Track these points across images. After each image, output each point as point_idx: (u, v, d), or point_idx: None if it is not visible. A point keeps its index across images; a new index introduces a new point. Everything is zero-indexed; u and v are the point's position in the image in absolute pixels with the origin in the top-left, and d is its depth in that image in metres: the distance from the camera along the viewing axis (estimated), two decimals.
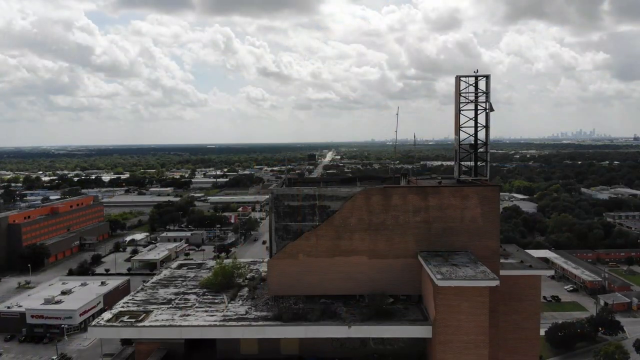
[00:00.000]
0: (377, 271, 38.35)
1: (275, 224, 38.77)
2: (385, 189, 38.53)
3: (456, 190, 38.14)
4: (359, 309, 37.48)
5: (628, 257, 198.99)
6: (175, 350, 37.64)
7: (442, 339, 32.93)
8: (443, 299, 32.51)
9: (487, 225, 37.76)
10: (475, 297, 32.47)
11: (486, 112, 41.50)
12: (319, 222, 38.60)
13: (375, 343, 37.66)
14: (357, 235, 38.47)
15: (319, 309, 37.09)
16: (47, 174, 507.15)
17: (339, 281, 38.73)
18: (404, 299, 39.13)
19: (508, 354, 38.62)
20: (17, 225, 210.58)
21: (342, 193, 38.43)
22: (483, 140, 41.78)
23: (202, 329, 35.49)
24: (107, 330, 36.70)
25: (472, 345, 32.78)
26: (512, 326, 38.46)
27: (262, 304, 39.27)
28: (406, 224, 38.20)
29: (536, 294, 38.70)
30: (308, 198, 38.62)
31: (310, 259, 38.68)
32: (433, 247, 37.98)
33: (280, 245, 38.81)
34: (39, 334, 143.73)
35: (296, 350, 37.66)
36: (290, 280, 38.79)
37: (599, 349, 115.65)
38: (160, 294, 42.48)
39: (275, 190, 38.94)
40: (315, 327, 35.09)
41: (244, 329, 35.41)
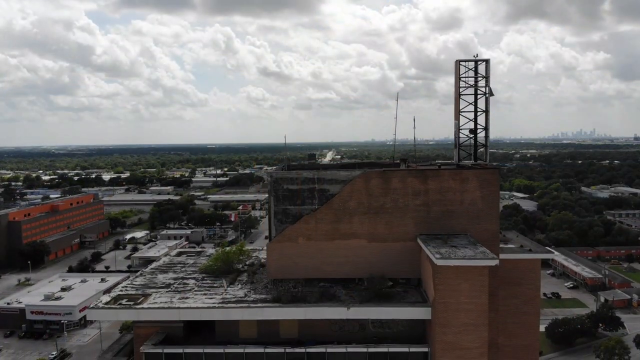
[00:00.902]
0: (376, 254, 38.26)
1: (275, 207, 38.71)
2: (384, 172, 38.45)
3: (456, 173, 38.06)
4: (358, 292, 37.41)
5: (628, 255, 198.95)
6: (174, 333, 37.51)
7: (442, 320, 32.84)
8: (442, 279, 32.43)
9: (486, 208, 37.68)
10: (474, 278, 32.39)
11: (486, 96, 41.45)
12: (318, 206, 38.53)
13: (375, 326, 37.56)
14: (356, 219, 38.40)
15: (317, 292, 37.04)
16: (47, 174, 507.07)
17: (338, 264, 38.66)
18: (403, 283, 39.06)
19: (508, 338, 38.51)
20: (17, 223, 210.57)
21: (342, 176, 38.36)
22: (483, 125, 41.70)
23: (201, 311, 35.42)
24: (105, 312, 36.61)
25: (472, 326, 32.69)
26: (511, 310, 38.34)
27: (261, 288, 39.22)
28: (405, 207, 38.12)
29: (536, 277, 38.59)
30: (307, 181, 38.55)
31: (310, 243, 38.61)
32: (432, 230, 37.90)
33: (280, 228, 38.74)
34: (39, 330, 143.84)
35: (295, 333, 37.54)
36: (289, 263, 38.71)
37: (600, 344, 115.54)
38: (159, 279, 42.41)
39: (274, 173, 38.88)
40: (314, 309, 35.03)
41: (243, 311, 35.34)
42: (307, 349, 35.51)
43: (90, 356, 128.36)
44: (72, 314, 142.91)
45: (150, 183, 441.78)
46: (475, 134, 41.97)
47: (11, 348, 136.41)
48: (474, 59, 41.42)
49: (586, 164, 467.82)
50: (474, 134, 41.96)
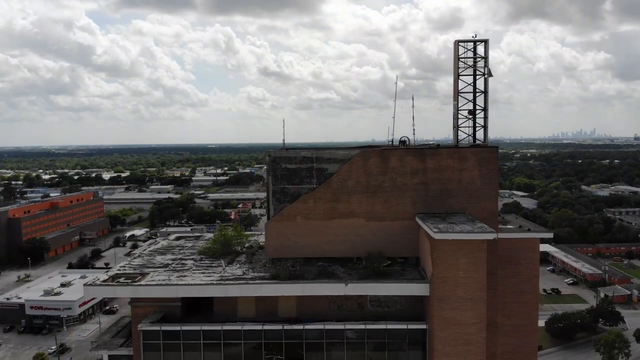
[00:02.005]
0: (374, 233, 38.21)
1: (273, 186, 38.67)
2: (382, 150, 38.42)
3: (454, 152, 38.02)
4: (356, 271, 37.37)
5: (628, 252, 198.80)
6: (172, 313, 37.45)
7: (440, 295, 32.77)
8: (440, 254, 32.37)
9: (485, 187, 37.63)
10: (473, 253, 32.33)
11: (485, 77, 41.32)
12: (316, 185, 38.48)
13: (373, 305, 37.50)
14: (354, 198, 38.35)
15: (316, 270, 36.97)
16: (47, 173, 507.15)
17: (337, 244, 38.61)
18: (402, 262, 39.02)
19: (506, 317, 38.41)
20: (17, 220, 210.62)
21: (340, 155, 38.32)
22: (482, 106, 41.59)
23: (199, 288, 35.37)
24: (102, 289, 36.61)
25: (470, 301, 32.63)
26: (510, 289, 38.25)
27: (259, 267, 39.19)
28: (404, 186, 38.07)
29: (534, 257, 38.48)
30: (305, 161, 38.51)
31: (308, 222, 38.56)
32: (431, 209, 37.85)
33: (278, 208, 38.70)
34: (38, 325, 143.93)
35: (294, 313, 37.48)
36: (287, 242, 38.66)
37: (600, 337, 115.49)
38: (157, 260, 42.38)
39: (272, 152, 38.82)
40: (312, 285, 34.99)
41: (241, 287, 35.29)
42: (305, 326, 35.46)
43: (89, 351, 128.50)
44: (72, 309, 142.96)
45: (150, 182, 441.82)
46: (474, 115, 41.84)
47: (10, 343, 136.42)
48: (473, 40, 41.32)
49: (586, 163, 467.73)
50: (473, 115, 41.84)
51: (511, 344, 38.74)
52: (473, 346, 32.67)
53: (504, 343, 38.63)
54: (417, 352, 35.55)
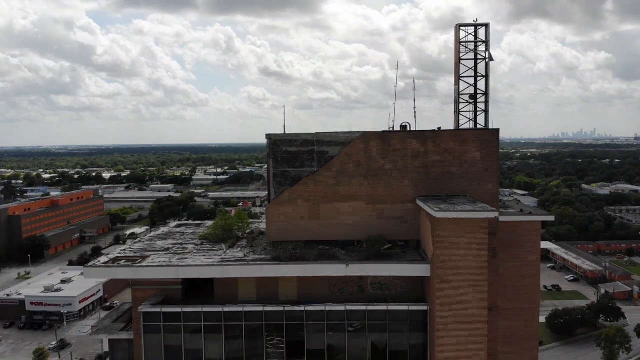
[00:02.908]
0: (375, 216, 38.12)
1: (274, 169, 38.58)
2: (384, 133, 38.31)
3: (455, 134, 37.94)
4: (357, 253, 37.29)
5: (629, 249, 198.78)
6: (172, 296, 37.32)
7: (441, 275, 32.67)
8: (441, 233, 32.26)
9: (486, 170, 37.54)
10: (474, 232, 32.23)
11: (486, 61, 41.29)
12: (317, 168, 38.38)
13: (374, 288, 37.41)
14: (355, 181, 38.25)
15: (317, 253, 36.86)
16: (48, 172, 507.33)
17: (338, 227, 38.52)
18: (402, 245, 38.93)
19: (508, 301, 38.28)
20: (17, 217, 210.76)
21: (341, 138, 38.23)
22: (483, 90, 41.55)
23: (200, 269, 35.29)
24: (103, 270, 36.51)
25: (471, 280, 32.53)
26: (511, 273, 38.12)
27: (260, 250, 39.11)
28: (405, 168, 37.98)
29: (536, 240, 38.38)
30: (306, 143, 38.41)
31: (309, 205, 38.47)
32: (431, 191, 37.75)
33: (279, 191, 38.61)
34: (39, 321, 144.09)
35: (294, 296, 37.39)
36: (288, 225, 38.57)
37: (600, 332, 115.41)
38: (157, 245, 42.30)
39: (273, 135, 38.73)
40: (313, 266, 34.89)
41: (242, 268, 35.22)
42: (306, 308, 35.38)
43: (90, 347, 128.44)
44: (72, 305, 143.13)
45: (150, 181, 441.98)
46: (475, 99, 41.79)
47: (11, 339, 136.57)
48: (474, 24, 41.27)
49: (586, 162, 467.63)
50: (474, 99, 41.80)
51: (512, 328, 38.61)
52: (475, 326, 32.57)
53: (505, 327, 38.48)
54: (419, 333, 35.44)
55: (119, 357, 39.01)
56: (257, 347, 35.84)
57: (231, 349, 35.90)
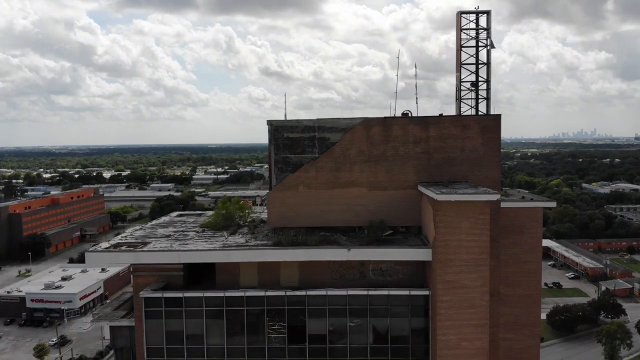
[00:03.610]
0: (376, 203, 38.09)
1: (275, 156, 38.56)
2: (385, 119, 38.31)
3: (457, 120, 37.95)
4: (358, 239, 37.26)
5: (629, 247, 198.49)
6: (174, 283, 37.31)
7: (442, 259, 32.64)
8: (443, 216, 32.24)
9: (488, 155, 37.54)
10: (475, 215, 32.21)
11: (487, 48, 41.28)
12: (318, 154, 38.37)
13: (375, 274, 37.39)
14: (356, 167, 38.24)
15: (318, 238, 36.83)
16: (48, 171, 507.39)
17: (339, 213, 38.50)
18: (404, 231, 38.92)
19: (509, 287, 38.28)
20: (18, 215, 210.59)
21: (342, 124, 38.21)
22: (484, 78, 41.52)
23: (201, 253, 35.31)
24: (104, 255, 36.50)
25: (473, 264, 32.51)
26: (513, 259, 38.10)
27: (262, 237, 39.11)
28: (406, 154, 37.96)
29: (537, 226, 38.35)
30: (307, 129, 38.39)
31: (310, 191, 38.46)
32: (433, 178, 37.74)
33: (280, 177, 38.59)
34: (39, 318, 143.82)
35: (296, 282, 37.38)
36: (289, 212, 38.56)
37: (601, 328, 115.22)
38: (159, 232, 42.31)
39: (274, 121, 38.71)
40: (315, 250, 34.88)
41: (243, 253, 35.23)
42: (307, 292, 35.37)
43: (90, 343, 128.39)
44: (73, 301, 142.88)
45: (151, 180, 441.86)
46: (477, 87, 41.78)
47: (11, 335, 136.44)
48: (475, 11, 41.27)
49: (587, 161, 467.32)
50: (476, 86, 41.78)
51: (514, 314, 38.61)
52: (477, 309, 32.55)
53: (507, 313, 38.51)
54: (420, 318, 35.45)
55: (120, 344, 39.00)
56: (258, 332, 35.85)
57: (233, 334, 35.89)
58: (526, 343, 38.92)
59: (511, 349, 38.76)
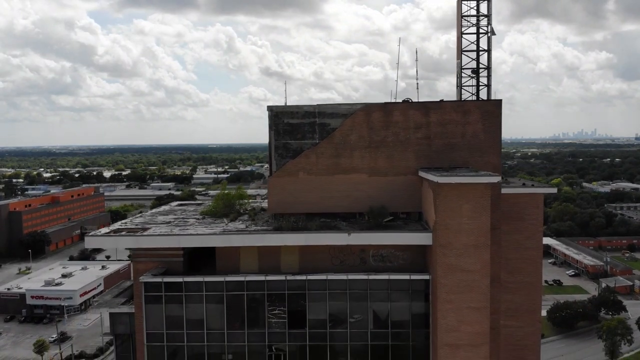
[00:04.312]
0: (377, 189, 38.02)
1: (275, 142, 38.50)
2: (386, 105, 38.24)
3: (458, 105, 37.88)
4: (358, 225, 37.19)
5: (630, 245, 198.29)
6: (174, 268, 37.24)
7: (443, 242, 32.56)
8: (443, 199, 32.15)
9: (488, 141, 37.47)
10: (476, 198, 32.13)
11: (488, 35, 41.22)
12: (318, 140, 38.30)
13: (375, 260, 37.30)
14: (357, 153, 38.16)
15: (318, 224, 36.74)
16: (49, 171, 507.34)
17: (339, 199, 38.42)
18: (404, 217, 38.84)
19: (510, 274, 38.20)
20: (18, 213, 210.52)
21: (343, 110, 38.15)
22: (485, 65, 41.47)
23: (201, 237, 35.25)
24: (104, 239, 36.48)
25: (473, 247, 32.43)
26: (514, 246, 38.03)
27: (262, 223, 39.03)
28: (407, 140, 37.89)
29: (538, 213, 38.27)
30: (308, 115, 38.33)
31: (311, 177, 38.38)
32: (433, 163, 37.65)
33: (280, 163, 38.53)
34: (39, 315, 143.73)
35: (296, 268, 37.28)
36: (290, 198, 38.49)
37: (602, 324, 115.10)
38: (159, 219, 42.27)
39: (274, 107, 38.65)
40: (315, 235, 34.79)
41: (243, 237, 35.14)
42: (308, 277, 35.30)
43: (91, 339, 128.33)
44: (73, 298, 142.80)
45: (151, 180, 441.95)
46: (478, 74, 41.72)
47: (11, 332, 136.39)
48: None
49: (587, 161, 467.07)
50: (476, 73, 41.72)
51: (515, 301, 38.56)
52: (477, 293, 32.47)
53: (508, 300, 38.43)
54: (420, 303, 35.37)
55: (120, 330, 38.89)
56: (258, 316, 35.78)
57: (233, 318, 35.82)
58: (527, 330, 38.87)
59: (512, 335, 38.68)
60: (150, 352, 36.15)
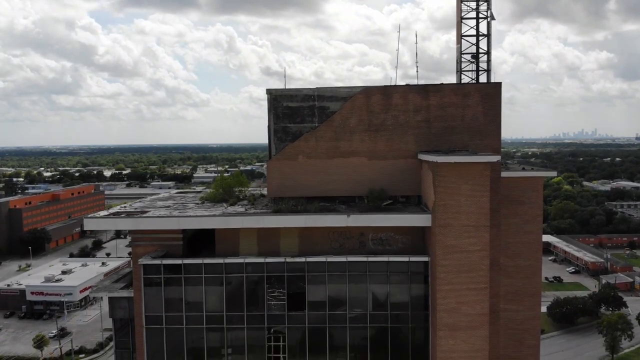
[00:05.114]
0: (376, 172, 37.94)
1: (274, 125, 38.44)
2: (385, 87, 38.18)
3: (457, 88, 37.81)
4: (358, 208, 37.14)
5: (630, 242, 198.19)
6: (173, 252, 37.18)
7: (442, 222, 32.49)
8: (442, 179, 32.08)
9: (488, 124, 37.37)
10: (475, 179, 32.06)
11: (487, 20, 41.18)
12: (318, 123, 38.24)
13: (375, 244, 37.25)
14: (356, 136, 38.09)
15: (318, 207, 36.69)
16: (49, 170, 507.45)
17: (338, 183, 38.35)
18: (403, 201, 38.79)
19: (510, 257, 38.10)
20: (18, 210, 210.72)
21: (342, 93, 38.08)
22: (485, 50, 41.43)
23: (200, 219, 35.20)
24: (103, 221, 36.43)
25: (473, 227, 32.36)
26: (513, 229, 37.91)
27: (261, 207, 38.98)
28: (406, 123, 37.82)
29: (538, 196, 38.15)
30: (307, 98, 38.26)
31: (310, 161, 38.31)
32: (433, 146, 37.58)
33: (280, 147, 38.47)
34: (39, 311, 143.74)
35: (296, 252, 37.23)
36: (289, 181, 38.43)
37: (602, 319, 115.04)
38: (158, 204, 42.21)
39: (273, 90, 38.59)
40: (314, 216, 34.73)
41: (243, 219, 35.10)
42: (307, 259, 35.26)
43: (90, 335, 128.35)
44: (73, 294, 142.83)
45: (151, 179, 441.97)
46: (477, 59, 41.68)
47: (11, 328, 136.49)
48: None
49: (587, 160, 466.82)
50: (476, 58, 41.68)
51: (515, 285, 38.41)
52: (476, 273, 32.40)
53: (507, 284, 38.32)
54: (419, 285, 35.34)
55: (119, 315, 38.84)
56: (258, 298, 35.74)
57: (232, 301, 35.77)
58: (527, 314, 38.72)
59: (512, 319, 38.57)
60: (149, 335, 36.10)
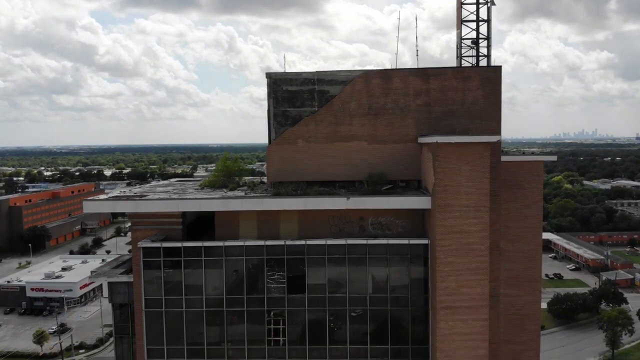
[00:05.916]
0: (376, 156, 37.87)
1: (274, 109, 38.38)
2: (385, 71, 38.15)
3: (457, 72, 37.76)
4: (357, 192, 37.08)
5: (630, 240, 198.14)
6: (173, 236, 37.13)
7: (442, 204, 32.45)
8: (442, 160, 32.04)
9: (488, 108, 37.30)
10: (475, 160, 32.03)
11: (487, 5, 41.10)
12: (318, 108, 38.17)
13: (374, 228, 37.19)
14: (356, 120, 38.03)
15: (317, 191, 36.64)
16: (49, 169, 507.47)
17: (338, 167, 38.29)
18: (403, 186, 38.72)
19: (510, 242, 38.04)
20: (18, 208, 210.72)
21: (342, 77, 38.03)
22: (485, 35, 41.35)
23: (200, 202, 35.19)
24: (102, 203, 36.42)
25: (473, 209, 32.32)
26: (513, 214, 37.86)
27: (261, 191, 38.93)
28: (406, 107, 37.76)
29: (538, 180, 38.12)
30: (307, 82, 38.19)
31: (310, 145, 38.25)
32: (433, 131, 37.47)
33: (279, 131, 38.42)
34: (39, 307, 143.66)
35: (295, 236, 37.18)
36: (289, 166, 38.36)
37: (603, 315, 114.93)
38: (158, 189, 42.19)
39: (273, 74, 38.54)
40: (314, 199, 34.68)
41: (242, 201, 35.07)
42: (307, 242, 35.21)
43: (90, 331, 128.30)
44: (73, 290, 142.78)
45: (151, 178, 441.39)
46: (478, 44, 41.59)
47: (11, 324, 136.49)
48: None
49: (588, 159, 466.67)
50: (476, 44, 41.59)
51: (515, 270, 38.36)
52: (476, 255, 32.36)
53: (508, 268, 38.26)
54: (419, 267, 35.29)
55: (119, 300, 38.81)
56: (257, 281, 35.70)
57: (232, 284, 35.73)
58: (527, 299, 38.67)
59: (512, 304, 38.50)
60: (148, 318, 36.05)
